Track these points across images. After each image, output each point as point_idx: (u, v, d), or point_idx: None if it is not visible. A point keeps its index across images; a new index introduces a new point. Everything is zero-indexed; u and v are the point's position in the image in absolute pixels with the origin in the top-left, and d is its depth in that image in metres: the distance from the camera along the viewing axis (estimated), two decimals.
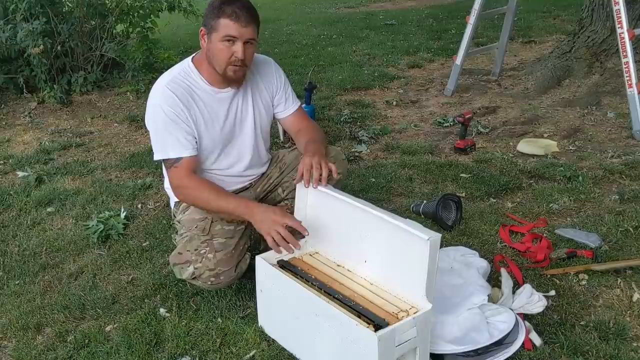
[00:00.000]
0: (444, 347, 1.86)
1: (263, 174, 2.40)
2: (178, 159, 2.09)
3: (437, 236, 1.70)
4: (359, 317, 1.76)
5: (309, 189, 2.05)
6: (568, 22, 6.47)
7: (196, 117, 2.12)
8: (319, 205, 2.07)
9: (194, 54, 2.20)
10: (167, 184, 2.28)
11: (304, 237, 2.07)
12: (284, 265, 2.05)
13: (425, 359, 1.80)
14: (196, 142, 2.13)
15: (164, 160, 2.13)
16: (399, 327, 1.69)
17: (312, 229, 2.09)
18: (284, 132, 3.74)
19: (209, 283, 2.11)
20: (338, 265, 2.05)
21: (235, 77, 2.11)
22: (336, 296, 1.87)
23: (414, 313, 1.75)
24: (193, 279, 2.12)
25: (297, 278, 1.96)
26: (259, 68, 2.26)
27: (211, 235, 2.13)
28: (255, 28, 2.05)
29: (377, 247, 1.91)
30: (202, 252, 2.10)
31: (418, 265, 1.72)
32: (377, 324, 1.71)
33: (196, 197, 2.10)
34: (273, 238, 1.92)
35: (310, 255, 2.12)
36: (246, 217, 2.02)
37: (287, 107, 2.34)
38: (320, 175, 2.02)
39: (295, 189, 2.28)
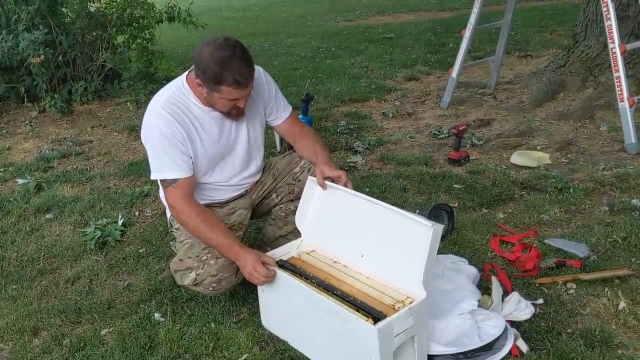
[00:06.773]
0: (434, 349, 1.91)
1: (257, 181, 2.44)
2: (175, 180, 2.12)
3: (439, 226, 1.79)
4: (358, 311, 1.82)
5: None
6: (564, 37, 6.52)
7: (192, 136, 2.14)
8: (324, 199, 2.16)
9: (187, 72, 2.18)
10: (162, 194, 2.31)
11: (300, 235, 2.18)
12: (283, 265, 2.10)
13: (423, 345, 1.86)
14: (192, 161, 2.16)
15: (161, 180, 2.17)
16: (397, 318, 1.76)
17: (312, 226, 2.19)
18: (281, 141, 3.77)
19: (211, 289, 2.13)
20: (335, 262, 2.11)
21: (236, 114, 2.17)
22: (335, 292, 1.93)
23: (410, 303, 1.82)
24: (195, 285, 2.14)
25: (297, 276, 2.02)
26: None
27: None
28: (253, 78, 2.07)
29: (377, 238, 1.98)
30: (204, 258, 2.13)
31: (419, 253, 1.81)
32: (376, 317, 1.77)
33: (187, 223, 2.13)
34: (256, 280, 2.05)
35: (307, 253, 2.18)
36: (231, 259, 2.10)
37: (280, 114, 2.37)
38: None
39: (289, 192, 2.36)
